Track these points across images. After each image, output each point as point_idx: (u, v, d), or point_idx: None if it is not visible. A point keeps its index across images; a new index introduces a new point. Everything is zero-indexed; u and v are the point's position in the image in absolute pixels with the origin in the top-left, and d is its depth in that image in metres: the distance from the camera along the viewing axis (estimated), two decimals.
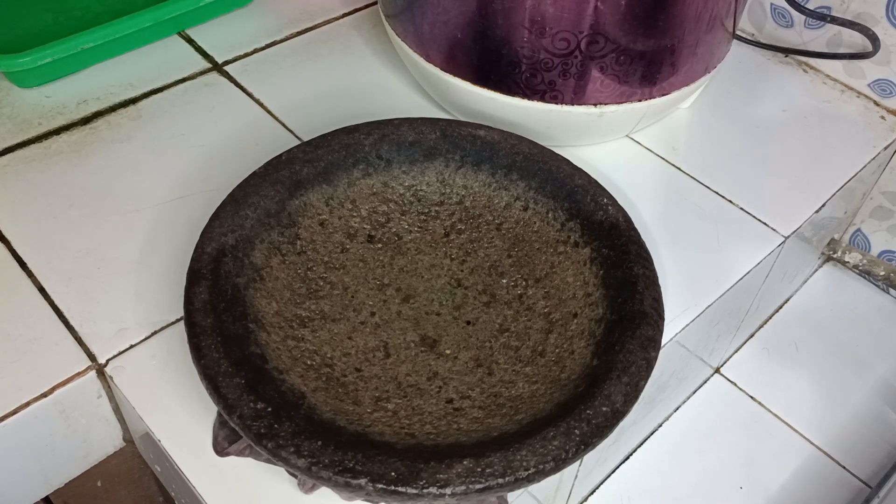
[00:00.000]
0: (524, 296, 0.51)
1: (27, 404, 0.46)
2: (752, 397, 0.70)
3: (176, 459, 0.45)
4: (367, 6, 0.76)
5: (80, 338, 0.49)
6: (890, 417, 0.70)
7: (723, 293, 0.55)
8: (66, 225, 0.55)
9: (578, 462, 0.45)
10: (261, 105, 0.65)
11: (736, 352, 0.72)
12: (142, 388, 0.47)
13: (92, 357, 0.48)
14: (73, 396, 0.47)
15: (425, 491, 0.37)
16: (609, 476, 0.64)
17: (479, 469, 0.38)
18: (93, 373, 0.48)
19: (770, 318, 0.75)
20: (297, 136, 0.62)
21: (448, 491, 0.37)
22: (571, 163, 0.53)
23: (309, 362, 0.46)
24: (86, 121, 0.62)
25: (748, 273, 0.57)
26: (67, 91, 0.64)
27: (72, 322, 0.50)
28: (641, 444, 0.66)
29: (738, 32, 0.72)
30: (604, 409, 0.41)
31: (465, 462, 0.38)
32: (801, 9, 0.67)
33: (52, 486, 0.51)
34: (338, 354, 0.47)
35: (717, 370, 0.71)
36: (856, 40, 0.68)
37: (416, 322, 0.50)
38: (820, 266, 0.80)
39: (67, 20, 0.68)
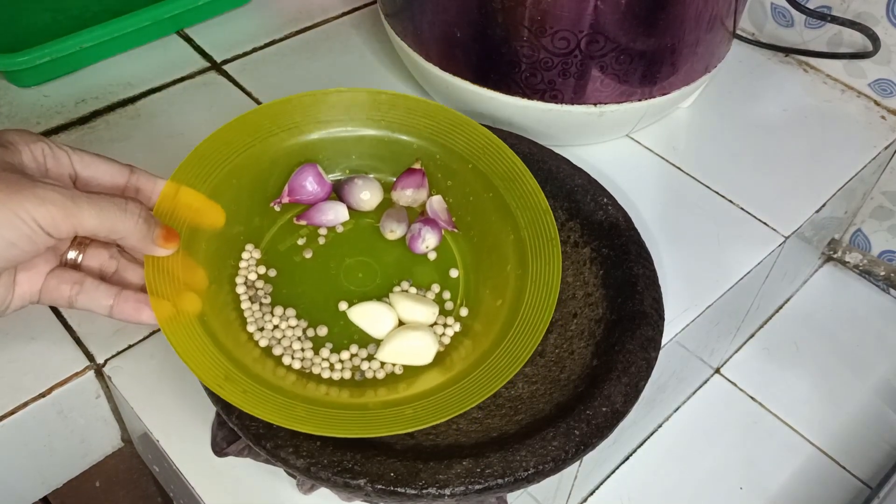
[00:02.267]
0: None
1: (25, 404, 0.45)
2: (752, 398, 0.70)
3: (174, 460, 0.45)
4: (366, 5, 0.75)
5: (78, 338, 0.49)
6: (890, 418, 0.70)
7: (723, 293, 0.55)
8: None
9: (578, 462, 0.45)
10: (259, 104, 0.64)
11: (736, 352, 0.72)
12: (140, 388, 0.47)
13: (90, 357, 0.48)
14: (72, 396, 0.47)
15: (424, 491, 0.37)
16: (609, 476, 0.64)
17: (479, 470, 0.37)
18: (91, 373, 0.48)
19: (770, 318, 0.75)
20: None
21: (447, 491, 0.37)
22: (571, 162, 0.53)
23: None
24: (84, 120, 0.62)
25: (748, 273, 0.57)
26: (66, 90, 0.64)
27: (70, 322, 0.49)
28: (641, 444, 0.66)
29: (738, 32, 0.72)
30: (603, 409, 0.41)
31: (464, 462, 0.38)
32: (801, 8, 0.66)
33: (51, 486, 0.51)
34: None
35: (718, 370, 0.71)
36: (856, 40, 0.68)
37: None
38: (820, 266, 0.80)
39: (66, 19, 0.67)
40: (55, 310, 0.50)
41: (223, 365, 0.38)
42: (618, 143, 0.64)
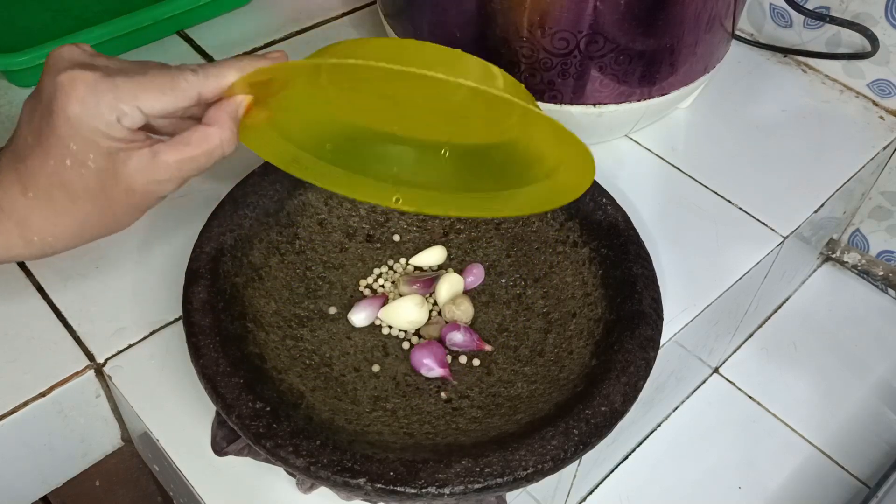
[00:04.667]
0: (523, 295, 0.50)
1: (25, 404, 0.46)
2: (750, 397, 0.70)
3: (174, 459, 0.45)
4: (366, 5, 0.75)
5: (78, 337, 0.49)
6: (888, 417, 0.70)
7: (722, 293, 0.55)
8: None
9: (577, 462, 0.45)
10: None
11: (735, 352, 0.72)
12: (140, 388, 0.47)
13: (90, 356, 0.48)
14: (72, 396, 0.47)
15: (424, 491, 0.37)
16: (608, 476, 0.64)
17: (478, 469, 0.38)
18: (91, 372, 0.48)
19: (769, 318, 0.75)
20: None
21: (447, 491, 0.37)
22: None
23: (308, 362, 0.46)
24: None
25: (747, 273, 0.57)
26: None
27: (70, 321, 0.50)
28: (640, 444, 0.66)
29: (737, 32, 0.72)
30: (602, 408, 0.41)
31: (463, 462, 0.38)
32: (800, 9, 0.66)
33: (51, 485, 0.51)
34: (336, 354, 0.47)
35: (716, 370, 0.71)
36: (855, 40, 0.68)
37: None
38: (819, 266, 0.80)
39: (66, 19, 0.68)
40: (55, 309, 0.50)
41: (291, 149, 0.43)
42: (617, 143, 0.64)
